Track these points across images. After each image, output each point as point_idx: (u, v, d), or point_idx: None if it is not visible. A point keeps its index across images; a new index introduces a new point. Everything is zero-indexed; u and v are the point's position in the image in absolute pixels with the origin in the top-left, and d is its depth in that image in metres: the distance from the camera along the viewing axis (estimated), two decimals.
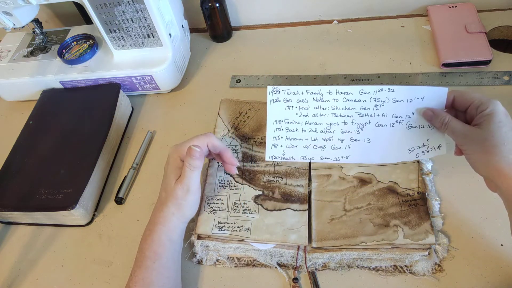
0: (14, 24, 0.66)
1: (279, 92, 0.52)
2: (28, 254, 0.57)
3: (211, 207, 0.53)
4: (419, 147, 0.50)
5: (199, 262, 0.52)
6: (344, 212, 0.51)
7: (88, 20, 0.76)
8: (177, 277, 0.49)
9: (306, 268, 0.48)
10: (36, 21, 0.71)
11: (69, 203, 0.54)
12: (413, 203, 0.50)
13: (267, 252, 0.50)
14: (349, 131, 0.51)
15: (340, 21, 0.79)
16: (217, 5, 0.74)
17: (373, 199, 0.51)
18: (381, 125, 0.50)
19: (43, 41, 0.74)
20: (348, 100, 0.51)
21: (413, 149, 0.50)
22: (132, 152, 0.66)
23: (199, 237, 0.52)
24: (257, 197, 0.53)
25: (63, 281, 0.53)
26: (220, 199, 0.54)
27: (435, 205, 0.50)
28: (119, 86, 0.67)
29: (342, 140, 0.52)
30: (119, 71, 0.68)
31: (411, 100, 0.49)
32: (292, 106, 0.52)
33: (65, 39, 0.73)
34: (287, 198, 0.53)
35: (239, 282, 0.50)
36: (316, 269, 0.49)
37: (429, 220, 0.48)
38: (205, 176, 0.56)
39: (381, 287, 0.47)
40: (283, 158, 0.53)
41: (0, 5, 0.61)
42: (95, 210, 0.59)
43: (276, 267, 0.50)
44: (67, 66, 0.70)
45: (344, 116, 0.51)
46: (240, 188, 0.54)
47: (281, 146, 0.53)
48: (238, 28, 0.83)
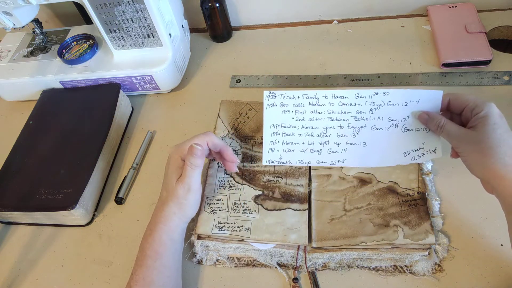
0: (14, 24, 0.66)
1: (275, 96, 0.53)
2: (28, 254, 0.57)
3: (211, 207, 0.53)
4: (415, 150, 0.50)
5: (199, 262, 0.52)
6: (344, 212, 0.51)
7: (88, 20, 0.76)
8: (178, 276, 0.49)
9: (306, 268, 0.48)
10: (36, 21, 0.71)
11: (69, 203, 0.54)
12: (413, 203, 0.50)
13: (267, 252, 0.50)
14: (345, 135, 0.52)
15: (340, 21, 0.79)
16: (217, 5, 0.74)
17: (373, 199, 0.51)
18: (377, 129, 0.51)
19: (43, 41, 0.74)
20: (344, 104, 0.51)
21: (409, 152, 0.50)
22: (132, 152, 0.66)
23: (199, 237, 0.52)
24: (257, 197, 0.53)
25: (63, 281, 0.53)
26: (220, 199, 0.54)
27: (435, 205, 0.50)
28: (119, 86, 0.67)
29: (338, 144, 0.52)
30: (119, 71, 0.68)
31: (406, 103, 0.49)
32: (289, 111, 0.53)
33: (65, 39, 0.73)
34: (287, 198, 0.53)
35: (239, 282, 0.50)
36: (316, 269, 0.49)
37: (429, 220, 0.48)
38: (205, 177, 0.56)
39: (381, 287, 0.47)
40: (280, 162, 0.54)
41: (0, 5, 0.61)
42: (95, 210, 0.59)
43: (276, 267, 0.50)
44: (67, 66, 0.70)
45: (340, 120, 0.51)
46: (240, 188, 0.54)
47: (278, 150, 0.53)
48: (238, 28, 0.83)
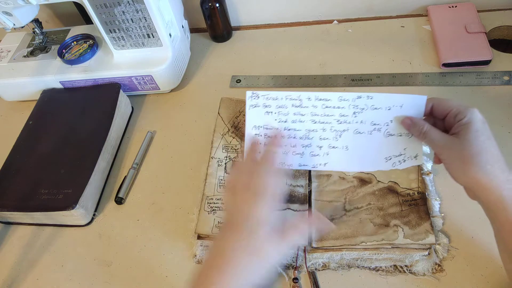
0: (14, 24, 0.66)
1: (258, 97, 0.52)
2: (28, 254, 0.57)
3: (211, 207, 0.53)
4: (396, 156, 0.50)
5: (199, 262, 0.52)
6: (344, 212, 0.51)
7: (88, 20, 0.76)
8: None
9: (306, 268, 0.48)
10: (36, 21, 0.71)
11: (69, 203, 0.54)
12: (413, 203, 0.50)
13: None
14: (327, 138, 0.51)
15: (340, 21, 0.79)
16: (217, 5, 0.74)
17: (373, 199, 0.51)
18: (360, 133, 0.50)
19: (43, 41, 0.74)
20: (327, 107, 0.50)
21: (390, 158, 0.50)
22: (132, 152, 0.66)
23: (199, 237, 0.52)
24: None
25: (63, 281, 0.53)
26: (220, 198, 0.54)
27: (435, 205, 0.50)
28: (119, 86, 0.67)
29: (320, 147, 0.51)
30: (119, 71, 0.68)
31: (389, 107, 0.49)
32: (271, 112, 0.52)
33: (65, 39, 0.73)
34: (287, 199, 0.53)
35: None
36: (316, 269, 0.49)
37: (429, 220, 0.48)
38: (205, 176, 0.56)
39: (381, 287, 0.47)
40: None
41: (0, 5, 0.61)
42: (95, 210, 0.59)
43: (276, 267, 0.50)
44: (67, 66, 0.70)
45: (323, 122, 0.51)
46: None
47: (260, 152, 0.51)
48: (238, 28, 0.83)
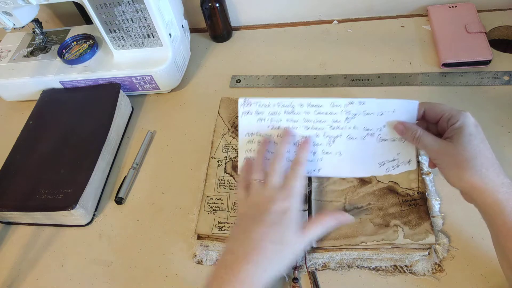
0: (14, 24, 0.66)
1: (250, 104, 0.52)
2: (28, 254, 0.57)
3: (211, 207, 0.53)
4: (390, 161, 0.50)
5: (199, 262, 0.52)
6: None
7: (88, 20, 0.76)
8: None
9: (306, 268, 0.48)
10: (36, 21, 0.71)
11: (69, 203, 0.54)
12: (413, 203, 0.50)
13: None
14: (320, 144, 0.51)
15: (340, 21, 0.79)
16: (217, 5, 0.74)
17: (373, 199, 0.51)
18: (353, 138, 0.50)
19: (43, 41, 0.74)
20: (320, 113, 0.50)
21: (383, 163, 0.50)
22: (132, 152, 0.66)
23: (199, 237, 0.52)
24: None
25: (63, 281, 0.53)
26: (220, 199, 0.54)
27: (435, 205, 0.50)
28: (119, 86, 0.67)
29: (314, 153, 0.52)
30: (119, 71, 0.68)
31: (382, 113, 0.49)
32: (264, 119, 0.52)
33: (65, 39, 0.73)
34: None
35: None
36: (316, 269, 0.49)
37: (429, 220, 0.48)
38: (205, 176, 0.56)
39: (381, 287, 0.47)
40: None
41: (0, 5, 0.61)
42: (95, 210, 0.59)
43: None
44: (67, 66, 0.70)
45: (316, 128, 0.51)
46: None
47: (254, 159, 0.52)
48: (238, 28, 0.83)
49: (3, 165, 0.62)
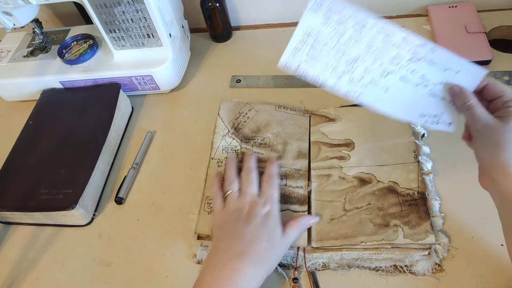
0: (14, 24, 0.66)
1: (321, 4, 0.48)
2: (28, 254, 0.57)
3: (211, 207, 0.53)
4: (432, 115, 0.48)
5: (199, 262, 0.52)
6: (344, 212, 0.51)
7: (88, 20, 0.76)
8: None
9: (306, 268, 0.48)
10: (36, 21, 0.71)
11: (69, 203, 0.54)
12: (413, 203, 0.50)
13: None
14: (372, 72, 0.48)
15: None
16: (217, 5, 0.74)
17: (373, 199, 0.51)
18: (405, 81, 0.47)
19: (43, 41, 0.74)
20: (386, 42, 0.47)
21: (425, 115, 0.48)
22: (132, 152, 0.66)
23: (199, 237, 0.52)
24: None
25: (63, 281, 0.53)
26: None
27: (435, 205, 0.50)
28: (119, 86, 0.68)
29: (362, 77, 0.48)
30: (119, 71, 0.68)
31: (446, 69, 0.46)
32: (329, 24, 0.48)
33: (65, 39, 0.73)
34: (286, 200, 0.53)
35: None
36: (316, 269, 0.49)
37: (429, 220, 0.48)
38: (205, 176, 0.56)
39: (381, 287, 0.47)
40: (296, 70, 0.49)
41: (0, 5, 0.61)
42: (95, 210, 0.59)
43: (276, 267, 0.50)
44: (67, 66, 0.70)
45: (376, 56, 0.48)
46: None
47: (299, 58, 0.49)
48: (238, 28, 0.83)
49: (3, 165, 0.62)
